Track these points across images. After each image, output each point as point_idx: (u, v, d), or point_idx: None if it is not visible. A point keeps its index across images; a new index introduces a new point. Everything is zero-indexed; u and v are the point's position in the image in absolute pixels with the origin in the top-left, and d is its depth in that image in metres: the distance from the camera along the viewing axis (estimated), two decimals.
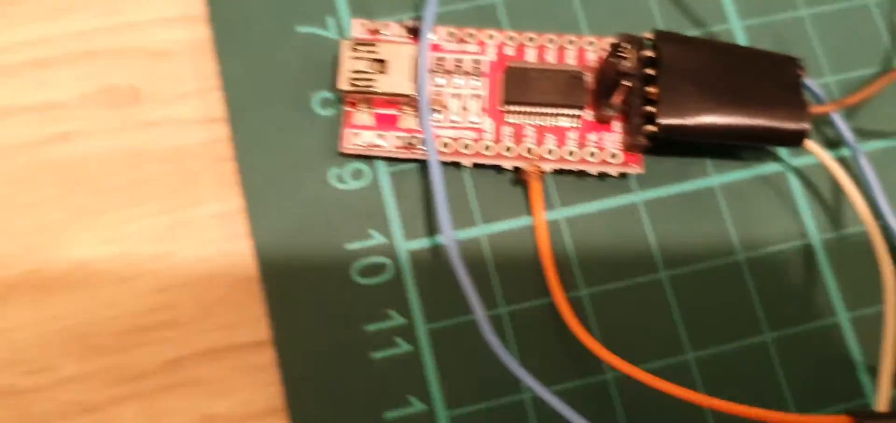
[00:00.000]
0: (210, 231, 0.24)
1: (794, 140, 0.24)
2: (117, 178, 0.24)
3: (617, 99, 0.23)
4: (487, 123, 0.24)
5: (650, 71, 0.23)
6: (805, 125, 0.23)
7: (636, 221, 0.24)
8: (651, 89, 0.23)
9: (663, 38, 0.24)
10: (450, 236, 0.22)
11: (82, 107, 0.24)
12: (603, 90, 0.24)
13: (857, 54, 0.26)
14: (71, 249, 0.23)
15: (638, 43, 0.24)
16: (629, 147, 0.24)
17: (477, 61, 0.24)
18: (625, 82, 0.23)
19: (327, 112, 0.24)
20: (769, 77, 0.24)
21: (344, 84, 0.23)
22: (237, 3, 0.25)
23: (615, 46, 0.23)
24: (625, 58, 0.23)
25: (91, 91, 0.24)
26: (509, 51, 0.25)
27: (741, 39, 0.26)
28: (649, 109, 0.23)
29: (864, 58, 0.26)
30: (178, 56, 0.25)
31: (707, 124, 0.23)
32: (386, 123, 0.24)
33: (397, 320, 0.23)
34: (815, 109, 0.24)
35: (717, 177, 0.25)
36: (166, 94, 0.25)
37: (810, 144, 0.24)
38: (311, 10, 0.25)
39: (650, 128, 0.23)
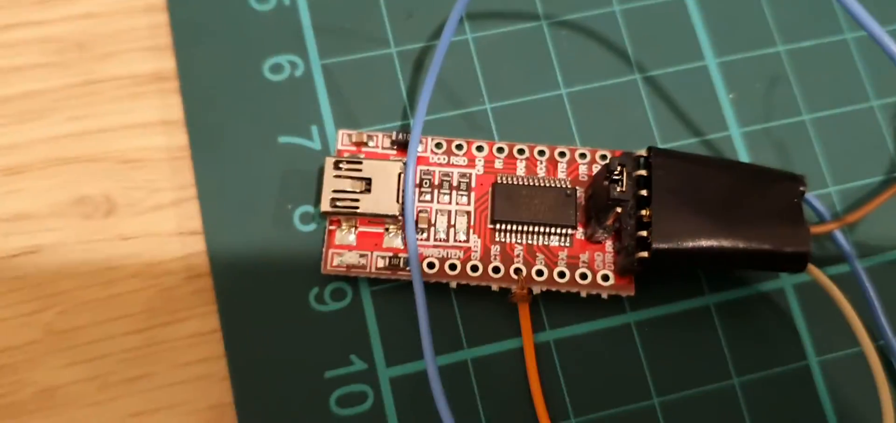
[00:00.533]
0: (186, 353, 0.23)
1: (795, 266, 0.22)
2: (90, 295, 0.23)
3: (609, 221, 0.23)
4: (475, 242, 0.23)
5: (644, 192, 0.22)
6: (807, 250, 0.22)
7: (628, 342, 0.23)
8: (644, 212, 0.22)
9: (658, 157, 0.23)
10: (432, 367, 0.22)
11: (54, 217, 0.24)
12: (594, 211, 0.23)
13: (860, 161, 0.26)
14: (40, 371, 0.22)
15: (632, 162, 0.23)
16: (621, 270, 0.23)
17: (465, 175, 0.24)
18: (617, 208, 0.22)
19: (309, 228, 0.24)
20: (769, 196, 0.23)
21: (326, 206, 0.22)
22: (216, 109, 0.24)
23: (607, 169, 0.22)
24: (617, 182, 0.22)
25: (63, 201, 0.24)
26: (499, 164, 0.24)
27: (741, 147, 0.25)
28: (642, 233, 0.22)
29: (866, 165, 0.26)
30: (155, 163, 0.24)
31: (703, 249, 0.22)
32: (370, 241, 0.23)
33: None
34: (817, 229, 0.23)
35: (713, 296, 0.24)
36: (142, 204, 0.24)
37: (812, 268, 0.23)
38: (295, 119, 0.24)
39: (643, 254, 0.22)
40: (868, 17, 0.21)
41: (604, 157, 0.24)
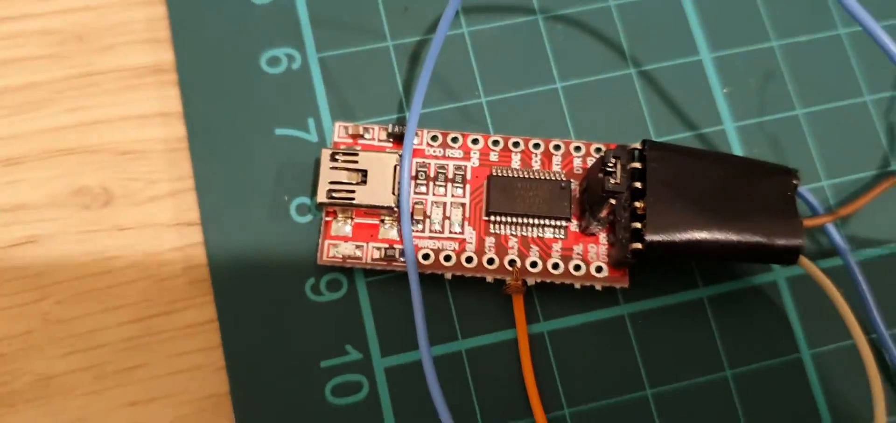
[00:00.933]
0: (182, 343, 0.23)
1: (787, 258, 0.23)
2: (87, 285, 0.23)
3: (603, 214, 0.23)
4: (470, 233, 0.23)
5: (638, 184, 0.23)
6: (799, 242, 0.22)
7: (622, 334, 0.24)
8: (638, 204, 0.22)
9: (652, 150, 0.23)
10: (427, 357, 0.22)
11: (51, 208, 0.24)
12: (589, 203, 0.23)
13: (853, 156, 0.26)
14: (37, 360, 0.23)
15: (626, 155, 0.23)
16: (615, 262, 0.23)
17: (460, 167, 0.24)
18: (611, 200, 0.22)
19: (305, 219, 0.24)
20: (763, 190, 0.23)
21: (322, 197, 0.22)
22: (213, 101, 0.24)
23: (602, 161, 0.23)
24: (611, 174, 0.22)
25: (61, 192, 0.24)
26: (494, 156, 0.24)
27: (735, 141, 0.25)
28: (636, 225, 0.22)
29: (860, 160, 0.26)
30: (153, 155, 0.24)
31: (696, 242, 0.22)
32: (365, 233, 0.23)
33: None
34: (810, 223, 0.24)
35: (706, 288, 0.24)
36: (139, 195, 0.24)
37: (804, 261, 0.23)
38: (291, 111, 0.25)
39: (636, 246, 0.22)
40: (863, 12, 0.21)
41: (599, 150, 0.24)
